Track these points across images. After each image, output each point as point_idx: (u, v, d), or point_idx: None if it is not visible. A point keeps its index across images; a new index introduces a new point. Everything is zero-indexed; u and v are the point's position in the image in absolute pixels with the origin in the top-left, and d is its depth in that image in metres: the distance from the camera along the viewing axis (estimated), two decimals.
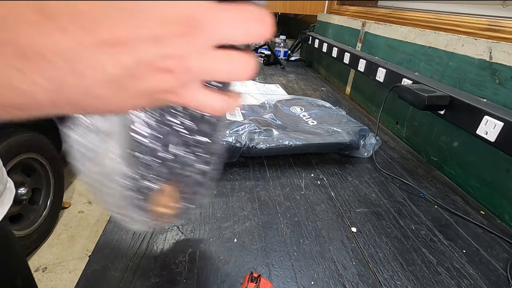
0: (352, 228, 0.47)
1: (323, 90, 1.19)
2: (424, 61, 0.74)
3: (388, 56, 0.90)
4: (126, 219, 0.28)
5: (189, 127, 0.24)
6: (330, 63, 1.40)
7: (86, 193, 1.81)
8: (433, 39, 0.71)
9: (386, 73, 0.78)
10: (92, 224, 1.60)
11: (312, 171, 0.62)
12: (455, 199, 0.56)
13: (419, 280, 0.38)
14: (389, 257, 0.42)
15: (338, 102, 1.04)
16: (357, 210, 0.51)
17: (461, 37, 0.62)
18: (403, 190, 0.58)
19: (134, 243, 0.40)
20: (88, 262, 0.37)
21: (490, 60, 0.55)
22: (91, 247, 1.45)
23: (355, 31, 1.13)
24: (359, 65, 0.94)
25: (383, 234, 0.46)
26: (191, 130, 0.24)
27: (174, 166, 0.25)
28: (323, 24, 1.49)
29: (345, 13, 1.37)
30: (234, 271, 0.38)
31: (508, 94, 0.52)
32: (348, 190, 0.56)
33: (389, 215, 0.50)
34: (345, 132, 0.66)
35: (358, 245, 0.43)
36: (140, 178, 0.25)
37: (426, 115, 0.72)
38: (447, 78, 0.66)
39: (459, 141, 0.62)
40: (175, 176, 0.26)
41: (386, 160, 0.68)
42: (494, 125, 0.46)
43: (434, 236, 0.46)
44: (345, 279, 0.38)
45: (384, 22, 0.96)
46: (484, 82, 0.57)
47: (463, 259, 0.42)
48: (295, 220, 0.48)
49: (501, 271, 0.41)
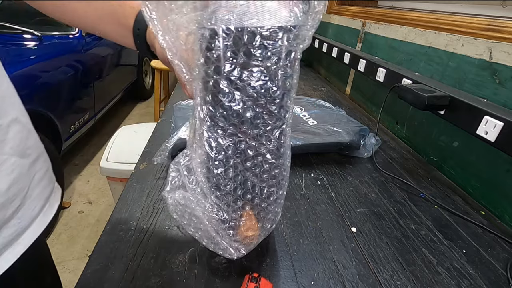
0: (352, 228, 0.47)
1: (323, 90, 1.19)
2: (424, 61, 0.74)
3: (388, 56, 0.90)
4: (217, 247, 0.33)
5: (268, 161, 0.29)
6: (330, 63, 1.40)
7: (86, 193, 1.82)
8: (433, 39, 0.71)
9: (386, 73, 0.78)
10: (92, 224, 1.60)
11: (312, 171, 0.62)
12: (455, 199, 0.56)
13: (419, 280, 0.38)
14: (389, 257, 0.42)
15: (338, 102, 1.04)
16: (357, 210, 0.51)
17: (461, 37, 0.62)
18: (403, 190, 0.58)
19: (134, 243, 0.40)
20: (88, 262, 0.37)
21: (490, 60, 0.55)
22: (91, 247, 1.45)
23: (355, 31, 1.13)
24: (359, 65, 0.94)
25: (383, 234, 0.46)
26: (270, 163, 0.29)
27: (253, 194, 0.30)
28: (323, 24, 1.49)
29: (345, 13, 1.37)
30: (234, 271, 0.38)
31: (508, 94, 0.52)
32: (348, 190, 0.56)
33: (389, 215, 0.50)
34: (345, 132, 0.66)
35: (358, 245, 0.43)
36: (225, 206, 0.29)
37: (426, 115, 0.72)
38: (447, 78, 0.66)
39: (459, 141, 0.62)
40: (253, 200, 0.30)
41: (386, 160, 0.68)
42: (494, 125, 0.46)
43: (434, 236, 0.46)
44: (345, 279, 0.38)
45: (384, 22, 0.96)
46: (484, 82, 0.57)
47: (463, 259, 0.42)
48: (295, 220, 0.48)
49: (501, 271, 0.41)
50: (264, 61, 0.24)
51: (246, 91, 0.24)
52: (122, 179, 1.24)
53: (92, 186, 1.89)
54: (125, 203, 0.48)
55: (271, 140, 0.28)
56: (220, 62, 0.23)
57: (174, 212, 0.32)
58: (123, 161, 1.22)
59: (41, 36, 1.53)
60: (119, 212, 0.46)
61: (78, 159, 2.14)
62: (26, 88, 1.31)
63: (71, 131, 1.72)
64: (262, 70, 0.24)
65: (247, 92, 0.24)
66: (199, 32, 0.23)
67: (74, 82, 1.76)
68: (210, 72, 0.24)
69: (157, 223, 0.44)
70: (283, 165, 0.30)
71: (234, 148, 0.27)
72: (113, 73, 2.40)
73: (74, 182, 1.91)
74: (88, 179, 1.95)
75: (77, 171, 2.02)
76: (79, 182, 1.92)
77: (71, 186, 1.87)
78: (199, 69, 0.25)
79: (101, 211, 1.69)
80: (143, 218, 0.45)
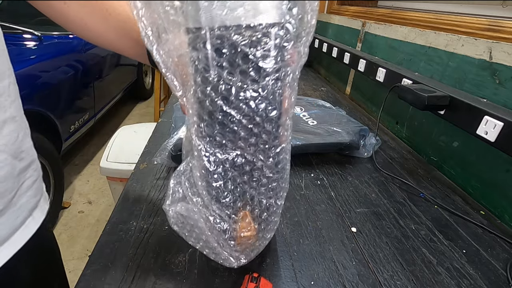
0: (352, 228, 0.47)
1: (323, 90, 1.19)
2: (424, 61, 0.74)
3: (388, 56, 0.90)
4: (218, 257, 0.34)
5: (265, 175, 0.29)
6: (330, 63, 1.40)
7: (86, 193, 1.82)
8: (433, 39, 0.71)
9: (386, 73, 0.79)
10: (92, 224, 1.60)
11: (312, 171, 0.62)
12: (455, 199, 0.56)
13: (419, 280, 0.38)
14: (389, 257, 0.42)
15: (338, 102, 1.04)
16: (357, 210, 0.51)
17: (461, 37, 0.62)
18: (403, 190, 0.58)
19: (134, 243, 0.40)
20: (88, 262, 0.37)
21: (490, 60, 0.55)
22: (91, 247, 1.45)
23: (355, 31, 1.13)
24: (359, 65, 0.94)
25: (383, 234, 0.46)
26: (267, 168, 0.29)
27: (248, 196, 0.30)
28: (323, 24, 1.49)
29: (345, 13, 1.37)
30: (234, 271, 0.38)
31: (508, 94, 0.52)
32: (348, 190, 0.56)
33: (389, 215, 0.50)
34: (345, 132, 0.66)
35: (358, 245, 0.43)
36: (226, 217, 0.30)
37: (426, 115, 0.72)
38: (447, 78, 0.66)
39: (459, 141, 0.62)
40: (253, 212, 0.31)
41: (386, 160, 0.68)
42: (494, 125, 0.46)
43: (434, 236, 0.46)
44: (345, 279, 0.38)
45: (384, 22, 0.96)
46: (484, 82, 0.57)
47: (463, 259, 0.42)
48: (295, 220, 0.48)
49: (501, 271, 0.41)
50: (261, 80, 0.24)
51: (242, 110, 0.25)
52: (122, 179, 1.24)
53: (92, 186, 1.89)
54: (125, 203, 0.48)
55: (270, 156, 0.28)
56: (215, 82, 0.24)
57: (175, 224, 0.33)
58: (123, 161, 1.22)
59: (41, 36, 1.53)
60: (119, 212, 0.46)
61: (78, 159, 2.14)
62: (26, 88, 1.31)
63: (71, 131, 1.72)
64: (257, 89, 0.24)
65: (243, 111, 0.25)
66: (192, 55, 0.23)
67: (74, 82, 1.76)
68: (206, 91, 0.24)
69: (157, 223, 0.44)
70: (281, 178, 0.31)
71: (232, 162, 0.27)
72: (113, 73, 2.40)
73: (74, 182, 1.91)
74: (88, 179, 1.95)
75: (77, 171, 2.02)
76: (79, 182, 1.92)
77: (71, 186, 1.87)
78: (194, 88, 0.25)
79: (101, 211, 1.69)
80: (143, 218, 0.45)
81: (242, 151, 0.27)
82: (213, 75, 0.23)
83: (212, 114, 0.25)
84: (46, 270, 0.47)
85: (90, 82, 1.97)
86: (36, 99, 1.38)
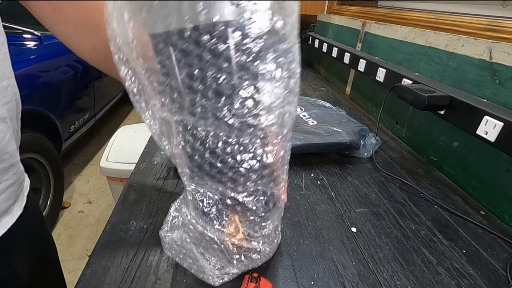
0: (352, 228, 0.47)
1: (323, 90, 1.19)
2: (424, 61, 0.74)
3: (388, 56, 0.90)
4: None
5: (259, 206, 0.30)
6: (330, 63, 1.40)
7: (86, 193, 1.82)
8: (433, 39, 0.71)
9: (386, 73, 0.78)
10: (92, 224, 1.60)
11: (312, 171, 0.62)
12: (455, 199, 0.56)
13: (419, 280, 0.38)
14: (389, 257, 0.42)
15: (338, 102, 1.04)
16: (357, 210, 0.51)
17: (461, 37, 0.62)
18: (403, 190, 0.58)
19: (134, 243, 0.40)
20: (88, 262, 0.37)
21: (490, 60, 0.55)
22: (91, 247, 1.45)
23: (355, 31, 1.13)
24: (359, 65, 0.94)
25: (383, 234, 0.46)
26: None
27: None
28: (323, 24, 1.49)
29: (345, 13, 1.37)
30: None
31: (508, 94, 0.52)
32: (348, 190, 0.56)
33: (389, 215, 0.50)
34: (345, 132, 0.66)
35: (358, 245, 0.43)
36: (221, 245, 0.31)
37: (426, 115, 0.72)
38: (447, 78, 0.66)
39: (459, 141, 0.62)
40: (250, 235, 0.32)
41: (386, 160, 0.68)
42: (494, 125, 0.46)
43: (434, 236, 0.46)
44: (345, 279, 0.38)
45: (384, 22, 0.96)
46: (484, 82, 0.57)
47: (463, 259, 0.42)
48: (295, 220, 0.48)
49: (501, 271, 0.41)
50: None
51: (228, 164, 0.26)
52: (122, 179, 1.24)
53: (92, 186, 1.89)
54: (125, 203, 0.48)
55: (260, 201, 0.29)
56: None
57: (169, 250, 0.33)
58: (123, 161, 1.22)
59: (41, 36, 1.53)
60: (119, 212, 0.46)
61: (78, 159, 2.14)
62: (26, 88, 1.31)
63: (71, 131, 1.72)
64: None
65: (229, 164, 0.26)
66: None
67: (74, 82, 1.76)
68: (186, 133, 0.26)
69: (157, 223, 0.44)
70: (274, 216, 0.32)
71: (224, 199, 0.29)
72: None
73: (74, 182, 1.91)
74: (88, 179, 1.95)
75: (77, 171, 2.02)
76: (79, 182, 1.92)
77: (71, 186, 1.87)
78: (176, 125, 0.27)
79: (101, 211, 1.69)
80: (143, 218, 0.45)
81: (232, 191, 0.28)
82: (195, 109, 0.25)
83: (201, 166, 0.27)
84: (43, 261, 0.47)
85: (90, 82, 1.97)
86: (36, 99, 1.38)
